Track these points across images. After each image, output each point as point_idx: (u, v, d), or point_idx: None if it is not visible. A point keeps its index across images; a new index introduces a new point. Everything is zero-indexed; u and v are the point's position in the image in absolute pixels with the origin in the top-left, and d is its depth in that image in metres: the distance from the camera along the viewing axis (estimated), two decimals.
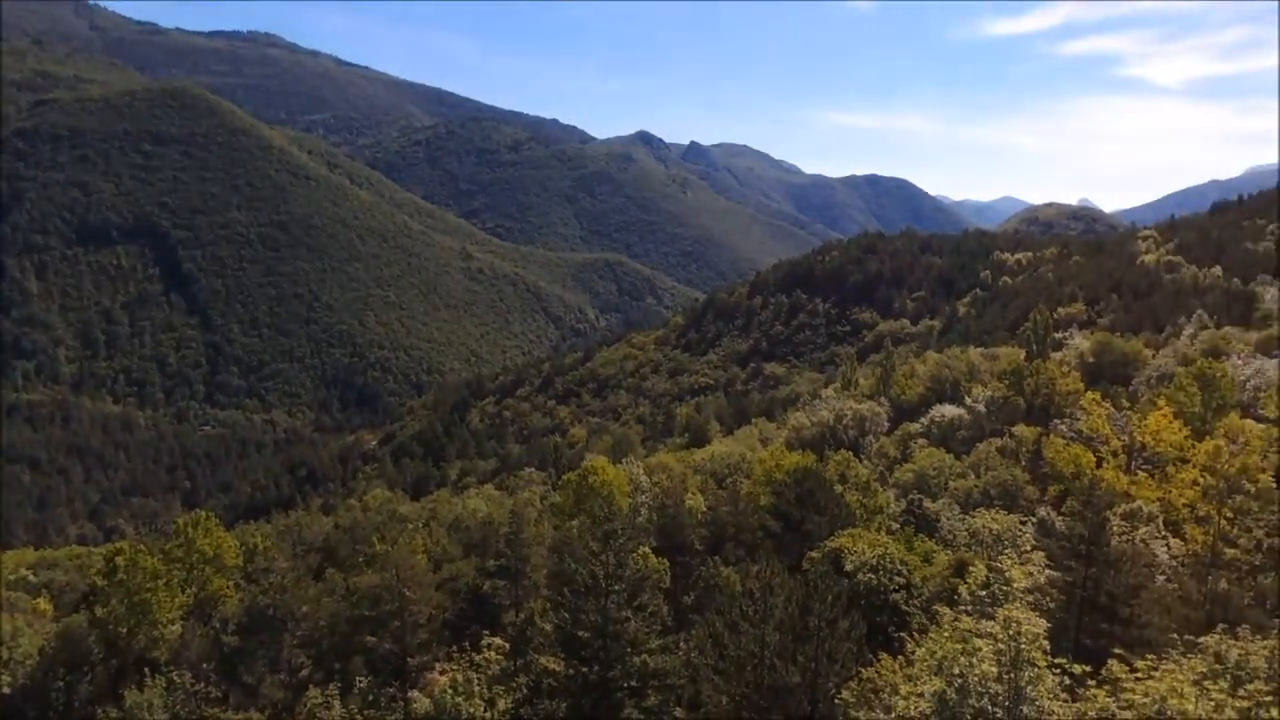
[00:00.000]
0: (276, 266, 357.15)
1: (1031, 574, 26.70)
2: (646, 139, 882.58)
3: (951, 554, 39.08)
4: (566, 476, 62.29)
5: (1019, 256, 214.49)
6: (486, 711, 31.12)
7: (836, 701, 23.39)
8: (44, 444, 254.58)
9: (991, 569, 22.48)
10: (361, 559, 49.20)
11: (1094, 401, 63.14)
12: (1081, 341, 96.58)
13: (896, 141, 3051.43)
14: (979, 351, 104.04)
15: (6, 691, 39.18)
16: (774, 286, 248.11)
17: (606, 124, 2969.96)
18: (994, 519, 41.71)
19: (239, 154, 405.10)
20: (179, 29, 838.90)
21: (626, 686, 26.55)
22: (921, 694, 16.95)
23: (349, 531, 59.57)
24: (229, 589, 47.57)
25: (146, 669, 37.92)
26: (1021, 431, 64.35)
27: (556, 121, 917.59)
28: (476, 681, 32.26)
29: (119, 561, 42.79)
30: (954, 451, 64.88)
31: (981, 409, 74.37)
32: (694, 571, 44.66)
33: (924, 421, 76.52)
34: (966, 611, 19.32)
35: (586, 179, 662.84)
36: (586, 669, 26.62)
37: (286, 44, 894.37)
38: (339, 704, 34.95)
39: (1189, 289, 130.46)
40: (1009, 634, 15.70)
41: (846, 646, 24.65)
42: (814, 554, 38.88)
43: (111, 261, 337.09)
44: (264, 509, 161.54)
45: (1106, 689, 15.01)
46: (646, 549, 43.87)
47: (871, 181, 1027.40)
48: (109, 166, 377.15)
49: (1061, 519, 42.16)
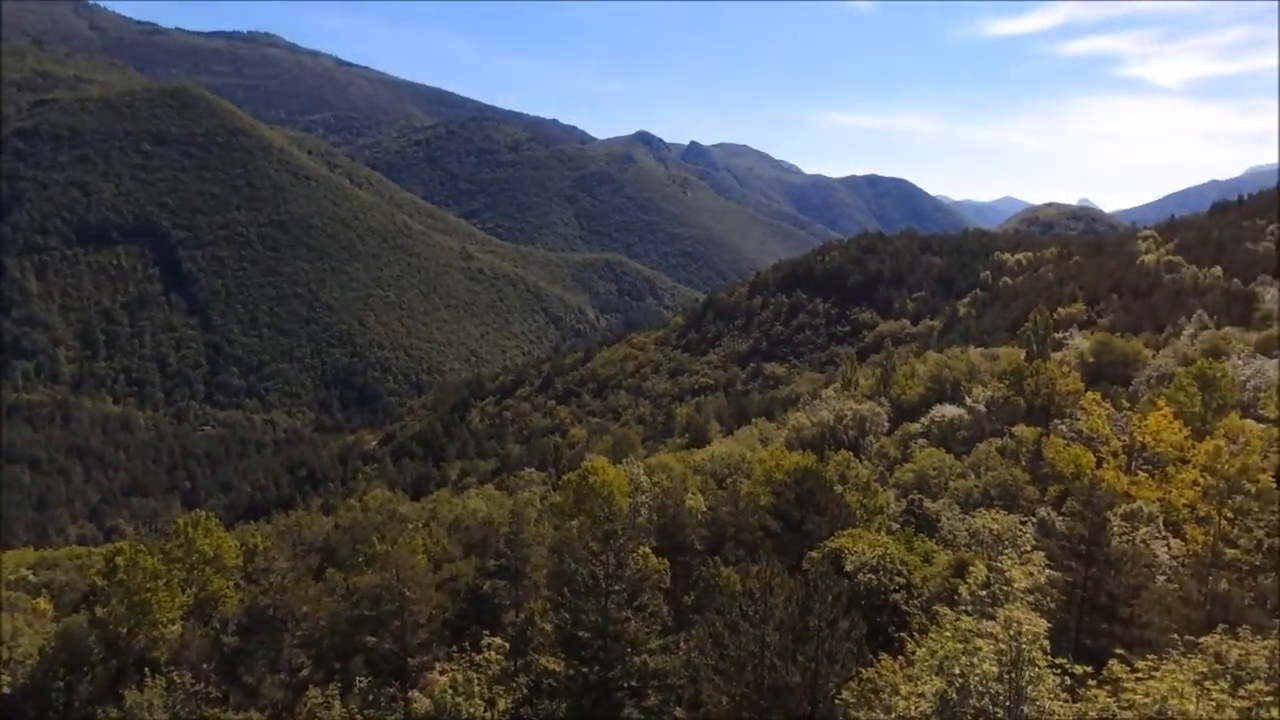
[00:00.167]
0: (276, 266, 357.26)
1: (1032, 574, 26.70)
2: (646, 139, 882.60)
3: (952, 554, 39.08)
4: (566, 477, 62.27)
5: (1019, 257, 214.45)
6: (486, 711, 31.11)
7: (837, 702, 23.37)
8: (44, 444, 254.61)
9: (992, 569, 22.50)
10: (361, 559, 49.16)
11: (1094, 402, 63.08)
12: (1081, 341, 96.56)
13: (896, 141, 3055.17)
14: (979, 351, 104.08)
15: (6, 691, 39.17)
16: (774, 286, 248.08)
17: (606, 124, 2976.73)
18: (994, 519, 41.71)
19: (239, 154, 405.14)
20: (179, 29, 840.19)
21: (626, 687, 26.54)
22: (922, 694, 16.96)
23: (349, 531, 59.54)
24: (229, 589, 47.56)
25: (146, 669, 37.90)
26: (1022, 432, 64.38)
27: (556, 122, 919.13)
28: (476, 681, 32.26)
29: (119, 561, 42.79)
30: (954, 452, 64.89)
31: (982, 409, 74.43)
32: (694, 571, 44.65)
33: (924, 422, 76.55)
34: (967, 611, 19.32)
35: (586, 179, 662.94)
36: (587, 669, 26.61)
37: (286, 44, 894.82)
38: (339, 704, 34.95)
39: (1189, 289, 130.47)
40: (1010, 634, 15.69)
41: (847, 647, 24.64)
42: (814, 554, 38.86)
43: (111, 261, 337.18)
44: (264, 509, 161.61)
45: (1107, 689, 15.01)
46: (646, 549, 43.86)
47: (871, 181, 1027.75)
48: (109, 166, 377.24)
49: (1062, 519, 42.16)
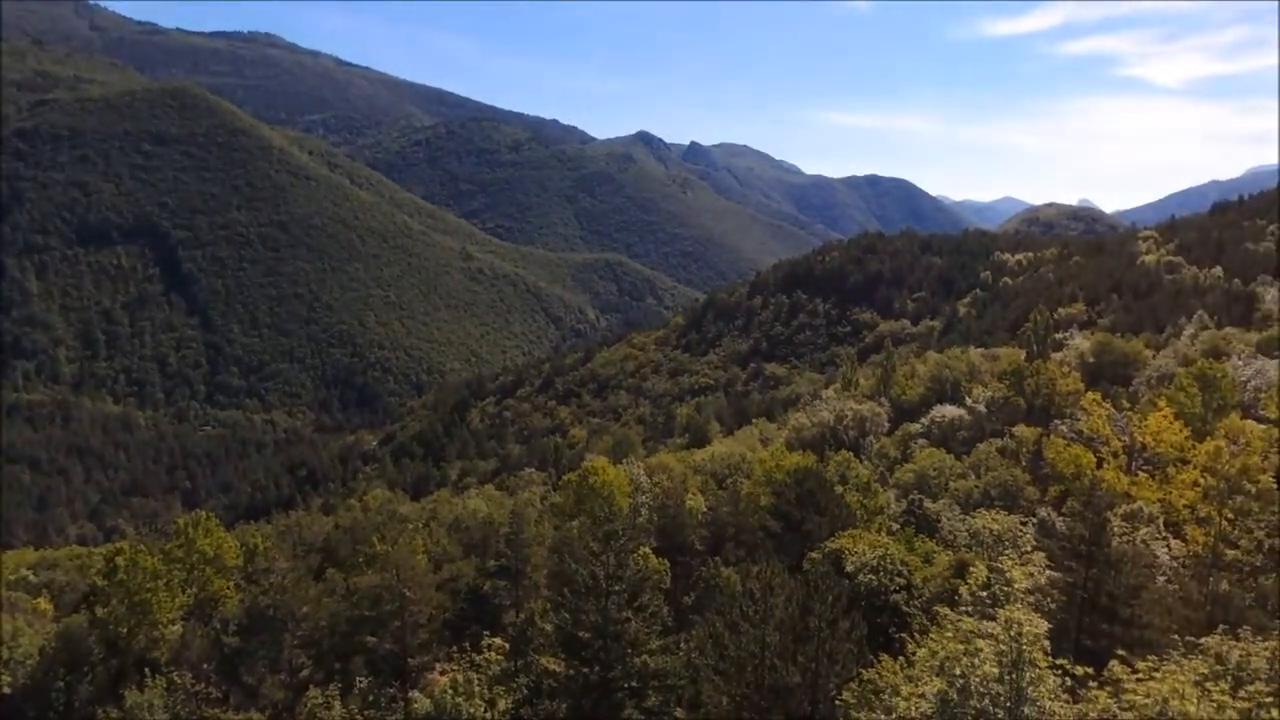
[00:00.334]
0: (276, 266, 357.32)
1: (1032, 575, 26.58)
2: (646, 139, 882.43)
3: (952, 555, 39.08)
4: (567, 477, 62.28)
5: (1019, 257, 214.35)
6: (487, 712, 31.13)
7: (837, 702, 23.34)
8: (44, 444, 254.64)
9: (992, 570, 22.42)
10: (362, 559, 49.13)
11: (1094, 402, 63.05)
12: (1082, 342, 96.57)
13: (896, 141, 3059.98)
14: (979, 352, 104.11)
15: (7, 691, 39.18)
16: (774, 287, 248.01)
17: (606, 124, 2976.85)
18: (994, 519, 41.73)
19: (239, 154, 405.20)
20: (179, 29, 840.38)
21: (627, 687, 26.52)
22: (923, 695, 16.93)
23: (349, 531, 59.53)
24: (229, 589, 47.55)
25: (147, 669, 37.91)
26: (1022, 432, 64.37)
27: (556, 122, 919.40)
28: (477, 682, 32.29)
29: (119, 561, 42.80)
30: (954, 452, 64.90)
31: (982, 409, 74.44)
32: (694, 572, 44.63)
33: (924, 422, 76.58)
34: (967, 612, 19.29)
35: (586, 179, 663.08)
36: (587, 669, 26.60)
37: (286, 44, 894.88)
38: (339, 704, 34.94)
39: (1189, 289, 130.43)
40: (1010, 635, 15.67)
41: (847, 647, 24.65)
42: (814, 554, 38.85)
43: (111, 261, 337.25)
44: (264, 509, 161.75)
45: (1108, 690, 15.00)
46: (647, 549, 43.86)
47: (871, 181, 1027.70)
48: (109, 166, 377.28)
49: (1062, 520, 42.13)
